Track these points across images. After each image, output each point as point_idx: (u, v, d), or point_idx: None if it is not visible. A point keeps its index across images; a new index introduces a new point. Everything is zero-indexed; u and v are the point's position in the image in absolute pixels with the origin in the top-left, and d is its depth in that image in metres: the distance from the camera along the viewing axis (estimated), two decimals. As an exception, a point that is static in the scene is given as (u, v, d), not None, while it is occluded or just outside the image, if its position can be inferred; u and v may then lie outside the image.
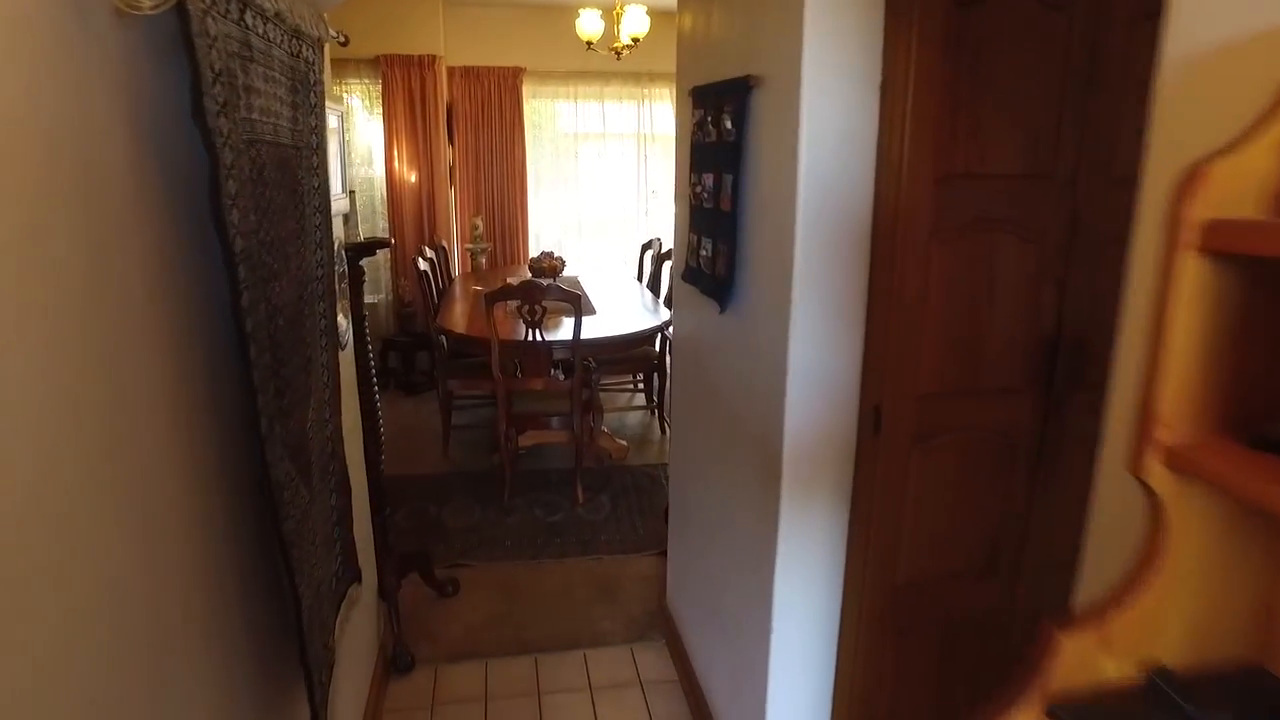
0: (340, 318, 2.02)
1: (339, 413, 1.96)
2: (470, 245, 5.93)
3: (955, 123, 1.59)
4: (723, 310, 1.84)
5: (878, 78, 1.51)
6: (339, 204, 2.07)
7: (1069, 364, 1.81)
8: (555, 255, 4.74)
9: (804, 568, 1.76)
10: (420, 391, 5.45)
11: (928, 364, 1.71)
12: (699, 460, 2.36)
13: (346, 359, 2.23)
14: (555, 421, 3.74)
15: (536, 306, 3.44)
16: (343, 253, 2.19)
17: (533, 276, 4.68)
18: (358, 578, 2.08)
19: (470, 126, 5.97)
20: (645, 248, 5.59)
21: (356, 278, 2.43)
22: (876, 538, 1.79)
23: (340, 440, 1.96)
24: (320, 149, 1.76)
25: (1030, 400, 1.82)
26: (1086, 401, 1.85)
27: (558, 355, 3.68)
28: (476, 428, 4.69)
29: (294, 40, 1.50)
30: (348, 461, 1.98)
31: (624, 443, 4.44)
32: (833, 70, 1.47)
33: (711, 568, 2.26)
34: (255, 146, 1.21)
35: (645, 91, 6.35)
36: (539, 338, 3.53)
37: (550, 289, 3.42)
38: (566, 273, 4.95)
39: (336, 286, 1.91)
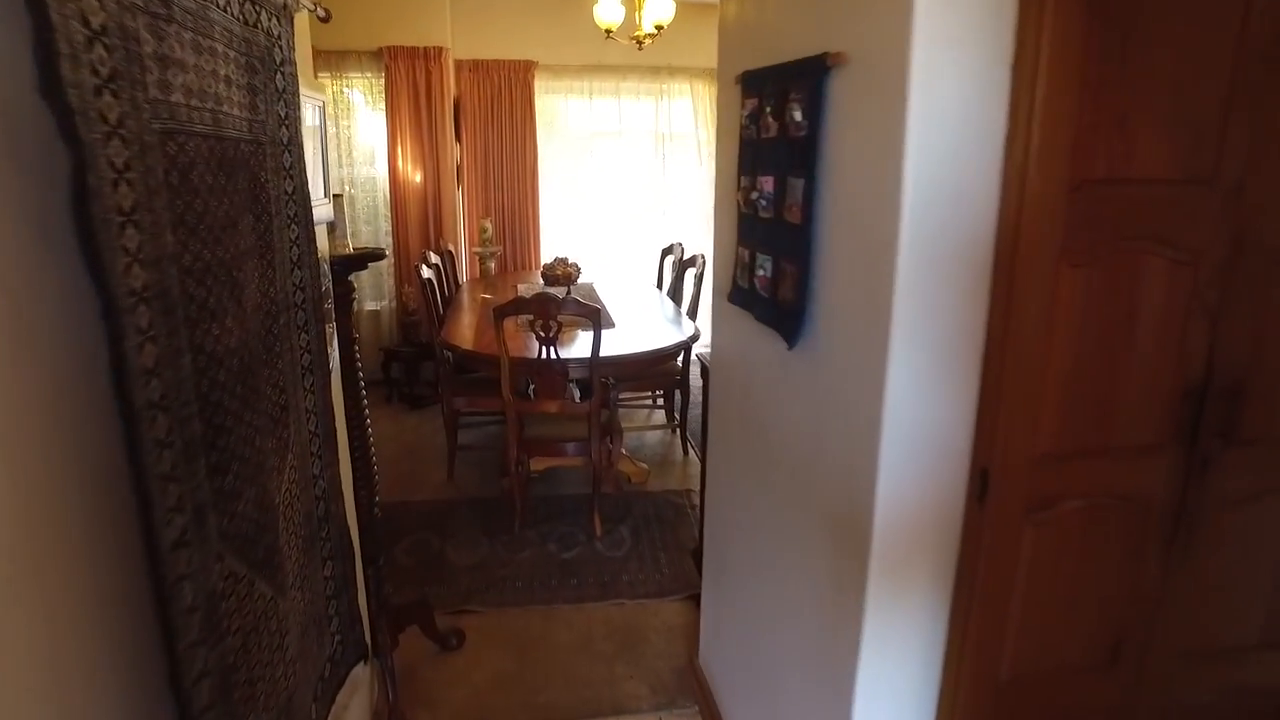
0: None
1: (335, 463, 1.63)
2: (478, 249, 5.60)
3: (1096, 113, 1.24)
4: (791, 345, 1.50)
5: (1008, 54, 1.16)
6: (320, 210, 1.74)
7: (1219, 414, 1.45)
8: (569, 261, 4.40)
9: (892, 660, 1.41)
10: (425, 405, 5.12)
11: (1047, 418, 1.36)
12: (741, 507, 2.02)
13: (335, 391, 1.90)
14: (571, 447, 3.40)
15: (551, 322, 3.11)
16: (326, 268, 1.86)
17: (545, 285, 4.34)
18: (363, 655, 1.75)
19: (479, 124, 5.64)
20: (665, 253, 5.24)
21: (344, 296, 2.10)
22: (978, 626, 1.44)
23: (337, 496, 1.63)
24: (294, 144, 1.43)
25: (1169, 459, 1.47)
26: (1240, 460, 1.50)
27: (574, 374, 3.34)
28: (485, 448, 4.35)
29: (248, 4, 1.16)
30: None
31: (644, 465, 4.10)
32: (951, 44, 1.12)
33: (758, 632, 1.92)
34: (176, 139, 0.87)
35: (664, 87, 6.00)
36: (554, 355, 3.19)
37: (566, 302, 3.08)
38: (581, 279, 4.62)
39: (323, 308, 1.58)
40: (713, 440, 2.34)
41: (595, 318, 3.09)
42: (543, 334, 3.14)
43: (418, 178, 5.33)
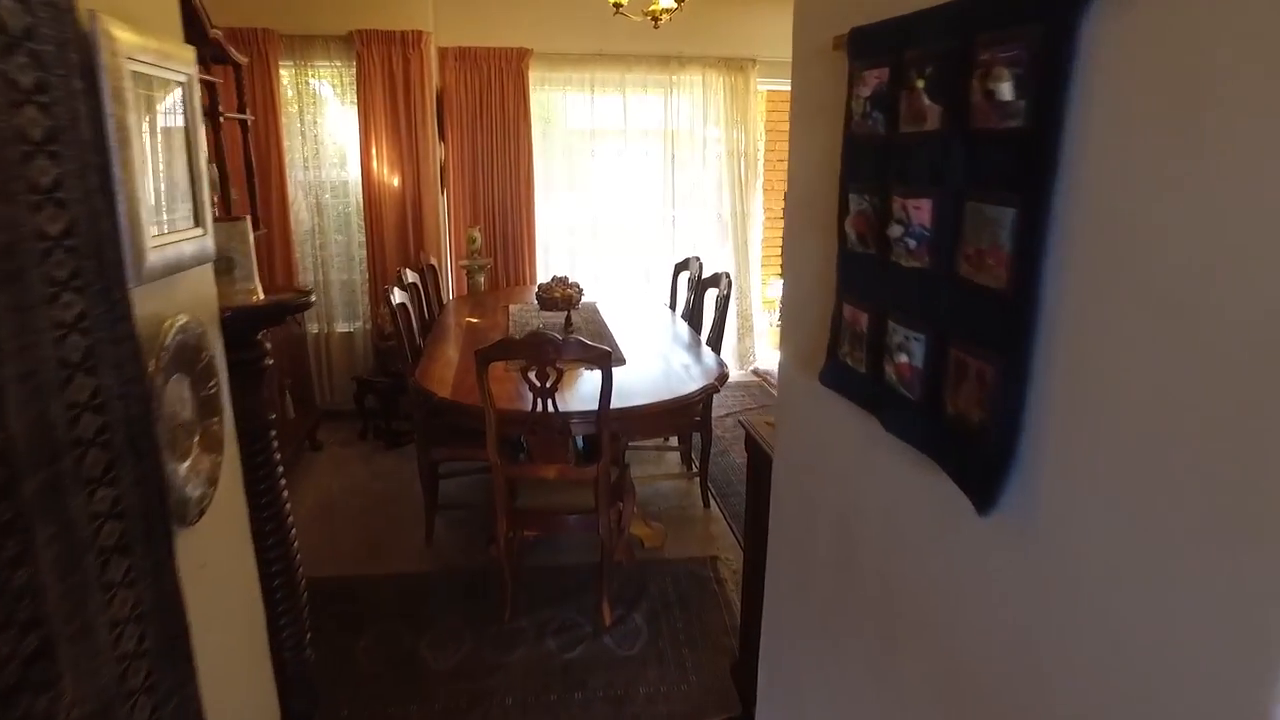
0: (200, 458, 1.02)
1: (187, 682, 0.98)
2: (466, 262, 4.95)
3: None
4: (985, 507, 0.84)
5: None
6: (185, 247, 1.08)
7: None
8: (569, 282, 3.75)
9: None
10: (404, 443, 4.46)
11: None
12: (827, 662, 1.38)
13: (233, 535, 1.24)
14: (573, 520, 2.75)
15: (549, 369, 2.46)
16: (207, 332, 1.20)
17: (541, 309, 3.69)
18: None
19: (465, 120, 4.98)
20: (680, 268, 4.59)
21: (252, 364, 1.45)
22: None
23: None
24: (73, 147, 0.77)
25: None
26: None
27: (577, 429, 2.69)
28: (469, 506, 3.69)
29: None
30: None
31: (659, 525, 3.46)
32: None
33: None
34: None
35: (674, 79, 5.35)
36: (552, 408, 2.54)
37: (567, 345, 2.43)
38: (584, 298, 3.96)
39: (156, 427, 0.92)
40: (773, 554, 1.70)
41: (605, 363, 2.44)
42: (538, 384, 2.49)
43: (395, 181, 4.67)
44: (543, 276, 5.52)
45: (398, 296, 3.29)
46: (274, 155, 4.34)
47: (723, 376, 3.05)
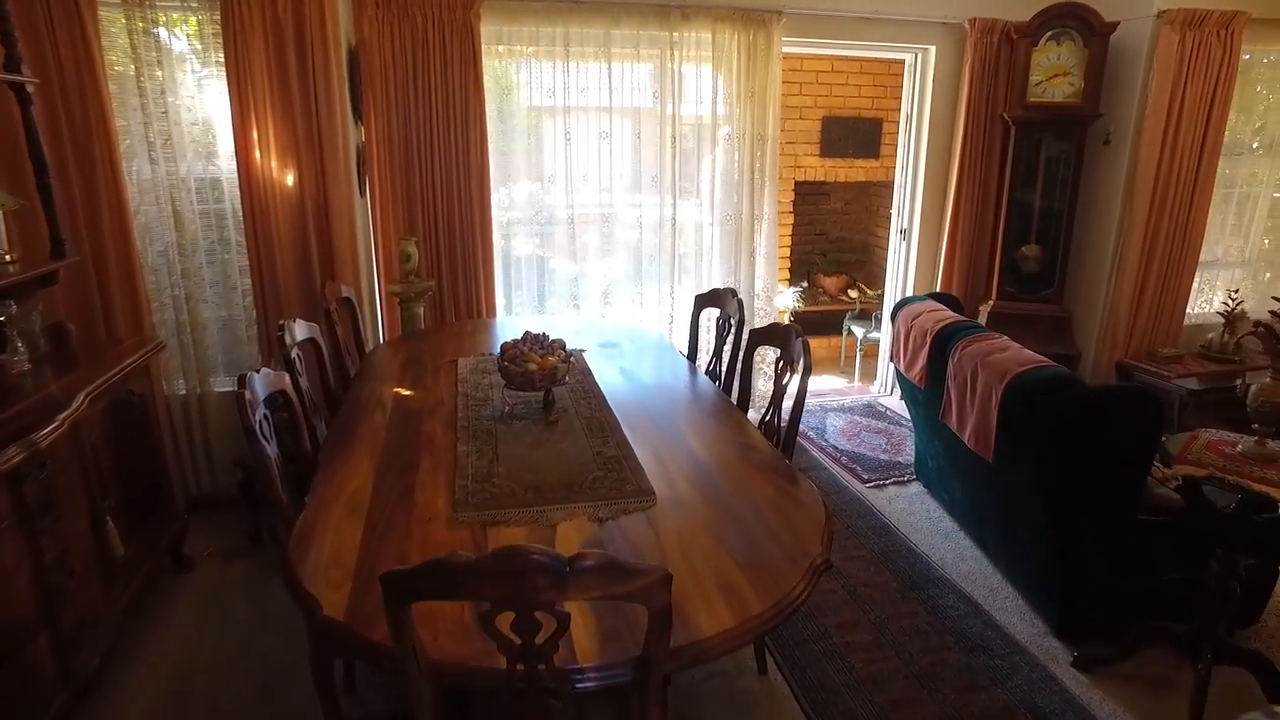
0: None
1: None
2: (397, 287, 3.58)
3: None
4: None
5: None
6: None
7: None
8: (550, 342, 2.43)
9: None
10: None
11: None
12: None
13: None
14: None
15: (532, 617, 1.15)
16: None
17: (508, 384, 2.37)
18: None
19: (393, 92, 3.59)
20: (703, 303, 3.27)
21: None
22: None
23: None
24: None
25: None
26: None
27: (590, 686, 1.38)
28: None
29: None
30: None
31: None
32: None
33: None
34: None
35: (674, 36, 4.02)
36: (540, 668, 1.23)
37: (580, 572, 1.11)
38: (565, 336, 2.62)
39: None
40: None
41: (661, 596, 1.15)
42: (517, 639, 1.18)
43: (289, 178, 3.26)
44: (503, 300, 4.18)
45: (261, 389, 1.94)
46: (98, 140, 2.91)
47: (827, 566, 1.75)
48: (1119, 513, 2.43)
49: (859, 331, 5.73)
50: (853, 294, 6.56)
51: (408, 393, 2.67)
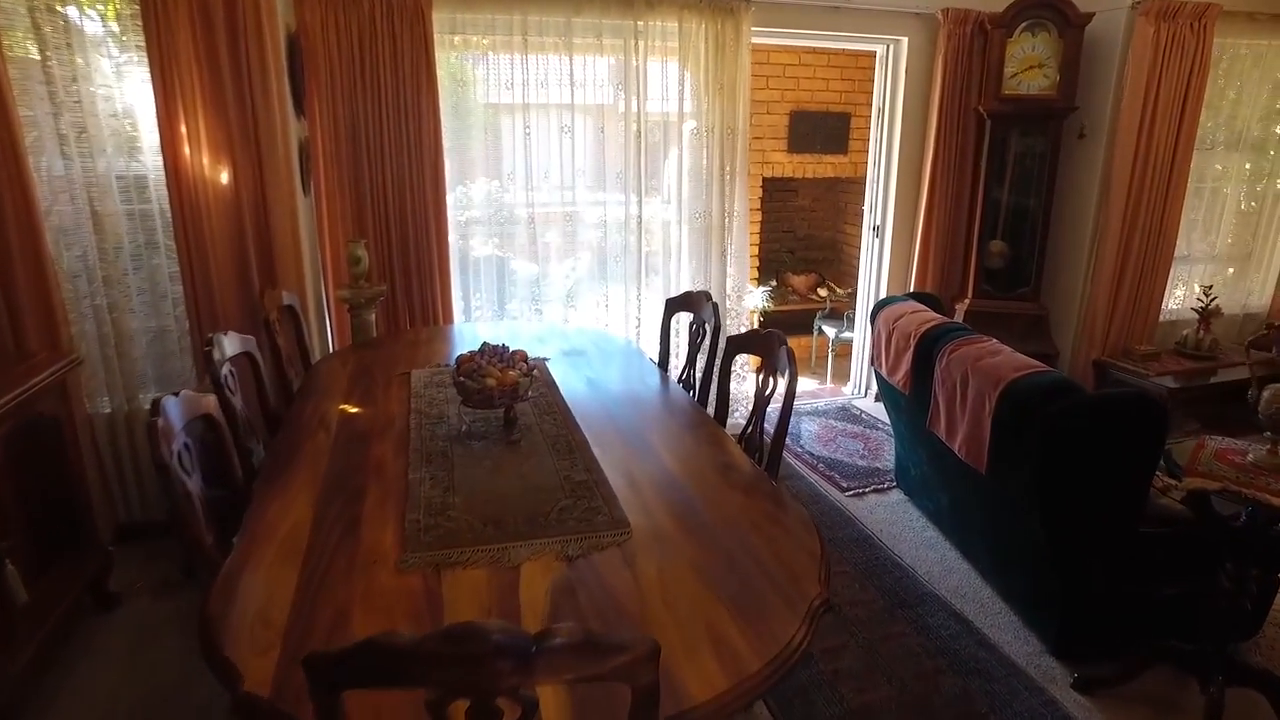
0: None
1: None
2: (346, 293, 3.33)
3: None
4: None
5: None
6: None
7: None
8: (510, 354, 2.21)
9: None
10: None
11: None
12: None
13: None
14: None
15: (493, 705, 0.94)
16: None
17: (467, 399, 2.15)
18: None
19: (338, 83, 3.34)
20: (675, 306, 3.08)
21: None
22: None
23: None
24: None
25: None
26: None
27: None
28: None
29: None
30: None
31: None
32: None
33: None
34: None
35: (639, 25, 3.83)
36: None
37: (548, 651, 0.90)
38: (527, 342, 2.41)
39: None
40: None
41: (650, 695, 0.94)
42: (473, 731, 0.96)
43: (223, 176, 2.99)
44: (461, 304, 3.94)
45: (179, 416, 1.69)
46: None
47: (823, 607, 1.56)
48: (1121, 524, 2.30)
49: (830, 331, 5.60)
50: (822, 292, 6.43)
51: (355, 410, 2.43)
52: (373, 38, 3.32)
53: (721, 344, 2.63)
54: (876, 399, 4.88)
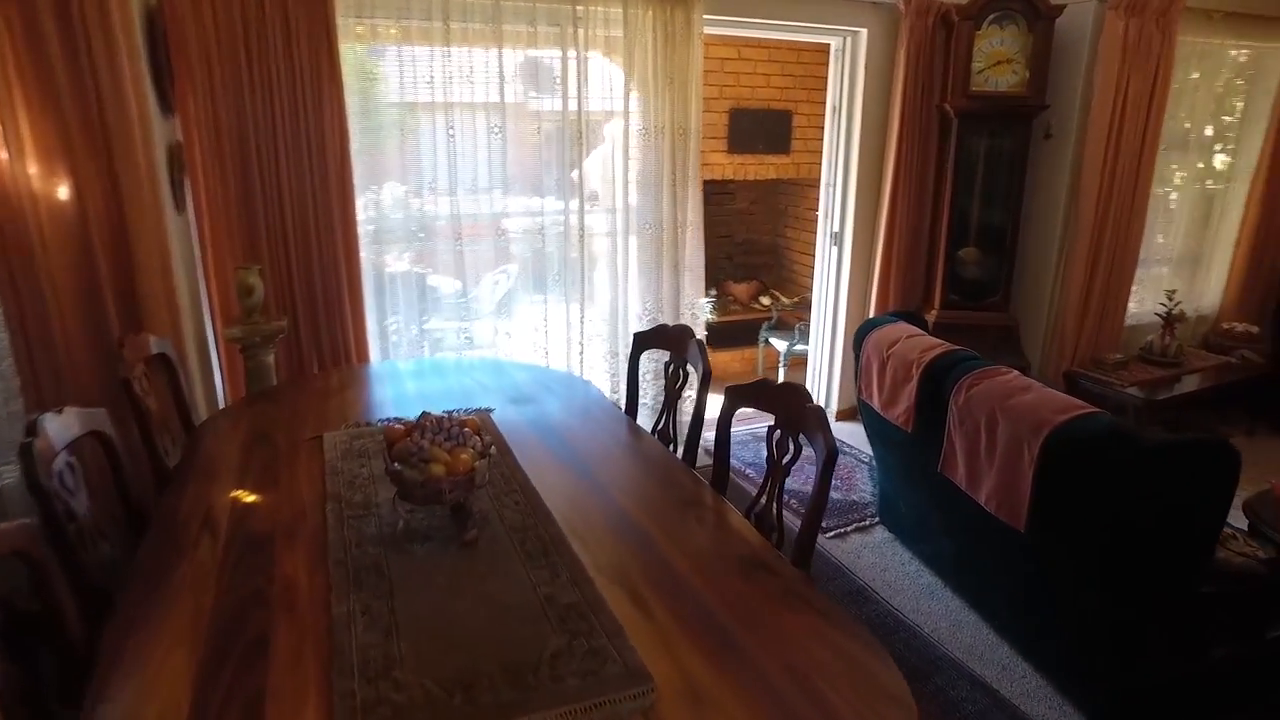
0: None
1: None
2: (237, 331, 2.71)
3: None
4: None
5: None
6: None
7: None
8: (458, 421, 1.69)
9: None
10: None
11: None
12: None
13: None
14: None
15: None
16: None
17: (408, 495, 1.62)
18: None
19: (219, 74, 2.71)
20: (646, 342, 2.61)
21: None
22: None
23: None
24: None
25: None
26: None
27: None
28: None
29: None
30: None
31: None
32: None
33: None
34: None
35: (579, 12, 3.34)
36: None
37: None
38: (461, 385, 1.89)
39: None
40: None
41: None
42: None
43: (61, 189, 2.32)
44: (375, 328, 3.34)
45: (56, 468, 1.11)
46: None
47: None
48: (1183, 585, 1.99)
49: (780, 344, 5.26)
50: (765, 300, 6.10)
51: (252, 499, 1.85)
52: (260, 21, 2.71)
53: (721, 396, 2.18)
54: (838, 418, 4.56)
